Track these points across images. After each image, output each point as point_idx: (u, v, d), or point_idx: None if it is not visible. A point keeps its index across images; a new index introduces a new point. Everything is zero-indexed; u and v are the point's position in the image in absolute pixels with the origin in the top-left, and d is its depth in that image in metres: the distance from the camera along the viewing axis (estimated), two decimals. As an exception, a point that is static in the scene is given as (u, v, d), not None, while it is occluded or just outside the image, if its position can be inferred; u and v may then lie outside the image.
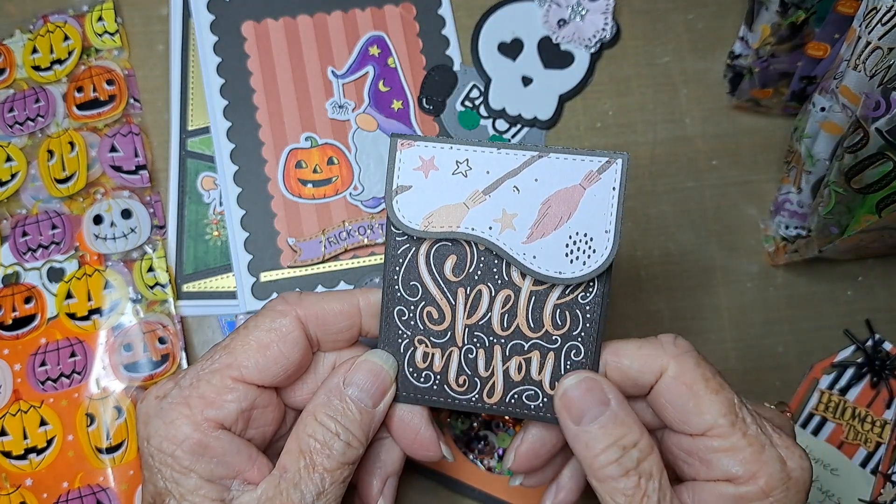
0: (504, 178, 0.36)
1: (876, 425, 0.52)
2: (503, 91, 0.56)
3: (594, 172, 0.36)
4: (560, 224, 0.36)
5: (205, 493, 0.35)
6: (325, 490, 0.35)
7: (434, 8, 0.56)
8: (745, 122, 0.56)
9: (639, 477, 0.34)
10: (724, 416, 0.35)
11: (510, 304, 0.37)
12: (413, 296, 0.38)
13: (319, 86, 0.55)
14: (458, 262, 0.37)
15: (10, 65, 0.55)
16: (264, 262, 0.53)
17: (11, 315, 0.51)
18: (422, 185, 0.37)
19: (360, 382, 0.37)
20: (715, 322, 0.54)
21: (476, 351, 0.38)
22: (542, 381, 0.38)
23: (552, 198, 0.36)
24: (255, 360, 0.36)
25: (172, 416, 0.35)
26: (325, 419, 0.36)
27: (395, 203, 0.37)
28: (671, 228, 0.55)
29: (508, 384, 0.38)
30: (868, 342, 0.53)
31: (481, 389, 0.38)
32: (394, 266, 0.37)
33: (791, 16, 0.47)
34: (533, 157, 0.36)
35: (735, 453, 0.34)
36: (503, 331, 0.38)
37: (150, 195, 0.53)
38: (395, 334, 0.38)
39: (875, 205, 0.43)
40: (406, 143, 0.37)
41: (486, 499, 0.50)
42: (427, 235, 0.37)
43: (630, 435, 0.35)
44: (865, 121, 0.40)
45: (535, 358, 0.38)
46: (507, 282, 0.37)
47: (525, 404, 0.38)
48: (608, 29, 0.56)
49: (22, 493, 0.49)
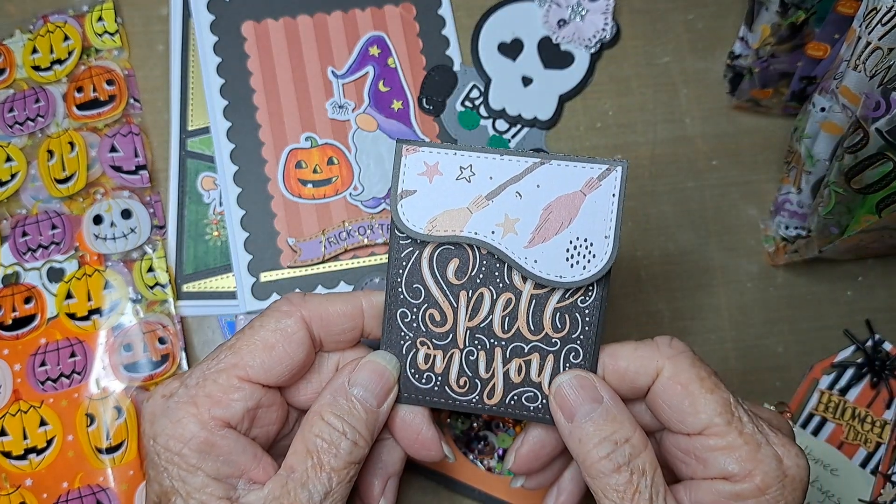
0: (507, 183, 0.37)
1: (876, 425, 0.52)
2: (503, 91, 0.55)
3: (594, 179, 0.37)
4: (561, 229, 0.37)
5: (211, 490, 0.35)
6: (332, 489, 0.35)
7: (434, 8, 0.56)
8: (745, 122, 0.56)
9: (631, 473, 0.34)
10: (719, 414, 0.35)
11: (511, 307, 0.38)
12: (416, 298, 0.38)
13: (319, 86, 0.55)
14: (461, 266, 0.38)
15: (10, 65, 0.55)
16: (264, 262, 0.53)
17: (11, 315, 0.51)
18: (426, 189, 0.37)
19: (365, 382, 0.37)
20: (715, 322, 0.54)
21: (477, 353, 0.38)
22: (542, 382, 0.38)
23: (553, 203, 0.37)
24: (260, 360, 0.37)
25: (179, 414, 0.35)
26: (332, 418, 0.36)
27: (400, 207, 0.37)
28: (671, 228, 0.55)
29: (508, 386, 0.38)
30: (868, 342, 0.53)
31: (482, 391, 0.38)
32: (397, 269, 0.38)
33: (791, 16, 0.47)
34: (535, 164, 0.37)
35: (731, 451, 0.35)
36: (504, 333, 0.38)
37: (150, 195, 0.53)
38: (397, 336, 0.38)
39: (875, 205, 0.43)
40: (411, 148, 0.37)
41: (486, 499, 0.50)
42: (431, 239, 0.37)
43: (622, 431, 0.35)
44: (865, 121, 0.40)
45: (534, 360, 0.38)
46: (509, 285, 0.38)
47: (524, 405, 0.38)
48: (608, 29, 0.56)
49: (22, 493, 0.49)
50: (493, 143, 0.55)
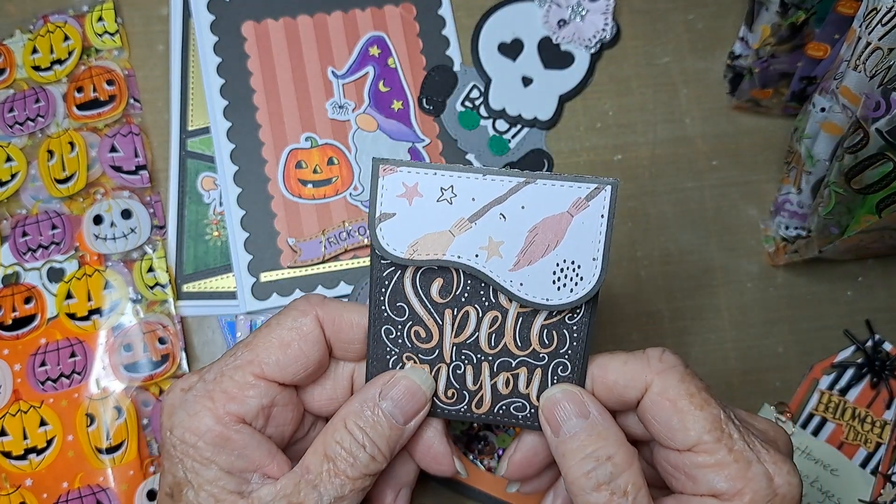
0: (490, 205, 0.35)
1: (876, 426, 0.52)
2: (503, 91, 0.55)
3: (582, 199, 0.35)
4: (547, 251, 0.36)
5: (223, 484, 0.35)
6: (344, 496, 0.35)
7: (434, 8, 0.56)
8: (745, 122, 0.56)
9: (611, 493, 0.34)
10: (708, 431, 0.34)
11: (497, 325, 0.37)
12: (400, 316, 0.37)
13: (319, 86, 0.55)
14: (445, 285, 0.37)
15: (10, 65, 0.55)
16: (264, 262, 0.53)
17: (11, 315, 0.51)
18: (406, 212, 0.36)
19: (397, 398, 0.37)
20: (715, 322, 0.54)
21: (464, 367, 0.38)
22: (530, 394, 0.38)
23: (539, 225, 0.35)
24: (276, 358, 0.37)
25: (196, 408, 0.36)
26: (355, 428, 0.36)
27: (379, 231, 0.36)
28: (671, 228, 0.55)
29: (496, 396, 0.38)
30: (868, 342, 0.53)
31: (470, 401, 0.38)
32: (379, 288, 0.37)
33: (791, 16, 0.47)
34: (519, 184, 0.35)
35: (720, 469, 0.34)
36: (491, 349, 0.38)
37: (150, 195, 0.53)
38: (383, 351, 0.38)
39: (875, 205, 0.43)
40: (388, 168, 0.35)
41: (486, 499, 0.50)
42: (412, 263, 0.36)
43: (606, 448, 0.35)
44: (865, 121, 0.40)
45: (522, 374, 0.38)
46: (495, 304, 0.37)
47: (513, 414, 0.38)
48: (608, 29, 0.56)
49: (22, 493, 0.49)
50: (493, 144, 0.55)
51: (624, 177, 0.55)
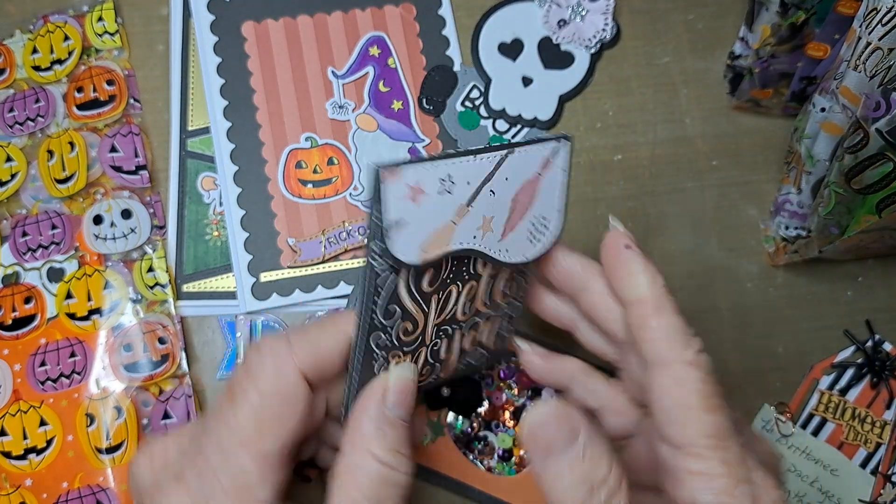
0: (482, 184, 0.35)
1: (876, 426, 0.52)
2: (503, 91, 0.55)
3: (548, 158, 0.37)
4: (525, 214, 0.37)
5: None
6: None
7: (434, 8, 0.56)
8: (745, 122, 0.56)
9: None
10: (707, 436, 0.32)
11: (472, 293, 0.39)
12: (390, 318, 0.36)
13: (319, 86, 0.55)
14: (434, 274, 0.37)
15: (10, 65, 0.55)
16: (264, 262, 0.53)
17: (11, 315, 0.51)
18: (413, 214, 0.34)
19: (403, 401, 0.37)
20: (715, 322, 0.54)
21: (441, 343, 0.39)
22: (487, 342, 0.41)
23: (519, 192, 0.37)
24: (269, 433, 0.36)
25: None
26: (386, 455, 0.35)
27: (390, 241, 0.33)
28: (671, 228, 0.55)
29: (461, 355, 0.40)
30: (868, 343, 0.53)
31: (439, 371, 0.40)
32: (372, 297, 0.35)
33: (791, 16, 0.47)
34: (503, 157, 0.36)
35: (708, 480, 0.32)
36: (464, 316, 0.39)
37: (150, 195, 0.53)
38: (371, 358, 0.37)
39: (875, 205, 0.43)
40: (391, 170, 0.32)
41: (486, 499, 0.50)
42: (425, 265, 0.35)
43: (599, 470, 0.33)
44: (865, 121, 0.40)
45: (485, 328, 0.40)
46: (473, 274, 0.38)
47: (472, 365, 0.41)
48: (608, 29, 0.56)
49: (22, 493, 0.49)
50: (494, 143, 0.55)
51: (624, 177, 0.55)
